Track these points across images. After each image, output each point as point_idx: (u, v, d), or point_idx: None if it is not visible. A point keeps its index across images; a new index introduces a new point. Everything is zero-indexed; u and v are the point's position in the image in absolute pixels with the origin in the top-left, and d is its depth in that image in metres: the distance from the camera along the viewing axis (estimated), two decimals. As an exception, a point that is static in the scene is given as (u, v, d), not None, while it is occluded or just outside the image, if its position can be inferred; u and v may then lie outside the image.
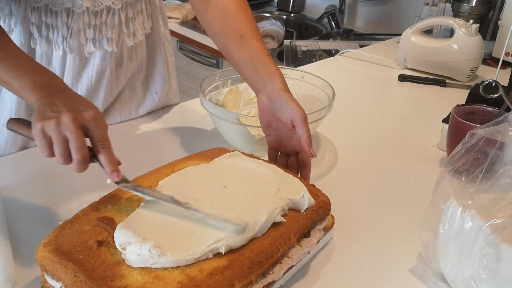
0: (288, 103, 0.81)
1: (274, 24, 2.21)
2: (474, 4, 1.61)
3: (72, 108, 0.66)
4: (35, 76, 0.71)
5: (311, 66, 1.54)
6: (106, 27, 0.92)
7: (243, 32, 0.88)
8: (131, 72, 1.04)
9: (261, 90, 0.85)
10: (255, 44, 0.87)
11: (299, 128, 0.81)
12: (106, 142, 0.67)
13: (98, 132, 0.67)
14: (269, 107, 0.84)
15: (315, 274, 0.71)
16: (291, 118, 0.81)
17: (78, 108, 0.67)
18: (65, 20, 0.89)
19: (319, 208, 0.72)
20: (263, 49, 0.87)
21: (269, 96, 0.83)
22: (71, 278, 0.57)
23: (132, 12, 0.96)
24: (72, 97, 0.70)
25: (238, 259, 0.60)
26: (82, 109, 0.67)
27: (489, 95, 0.98)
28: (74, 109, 0.66)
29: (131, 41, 0.98)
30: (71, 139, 0.64)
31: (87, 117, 0.66)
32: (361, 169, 0.98)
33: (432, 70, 1.46)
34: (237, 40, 0.88)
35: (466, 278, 0.63)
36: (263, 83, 0.85)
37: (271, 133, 0.86)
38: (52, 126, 0.64)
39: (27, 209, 0.80)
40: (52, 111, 0.66)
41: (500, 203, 0.64)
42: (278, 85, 0.83)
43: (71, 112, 0.65)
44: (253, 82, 0.87)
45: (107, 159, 0.66)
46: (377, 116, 1.21)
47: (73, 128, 0.64)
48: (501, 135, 0.69)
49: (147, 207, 0.66)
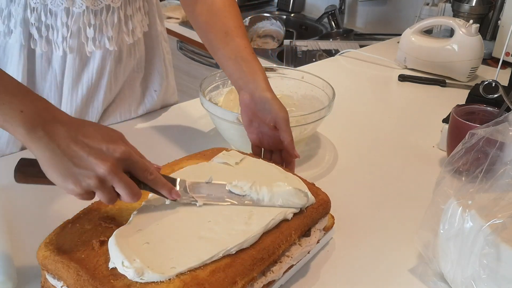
0: (271, 105, 0.81)
1: (274, 24, 2.21)
2: (474, 4, 1.61)
3: (97, 152, 0.58)
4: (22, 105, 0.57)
5: (311, 66, 1.54)
6: (106, 25, 0.92)
7: (228, 29, 0.88)
8: (129, 70, 1.04)
9: (243, 88, 0.85)
10: (240, 41, 0.87)
11: (282, 132, 0.82)
12: (149, 169, 0.62)
13: (137, 164, 0.61)
14: (251, 106, 0.84)
15: (315, 274, 0.71)
16: (274, 121, 0.82)
17: (101, 149, 0.58)
18: (65, 20, 0.89)
19: (319, 206, 0.72)
20: (248, 47, 0.87)
21: (252, 95, 0.83)
22: (73, 277, 0.57)
23: (131, 9, 0.96)
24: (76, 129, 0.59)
25: (240, 256, 0.60)
26: (110, 149, 0.59)
27: (489, 95, 0.98)
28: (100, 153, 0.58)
29: (130, 39, 0.98)
30: (120, 189, 0.59)
31: (120, 155, 0.59)
32: (361, 169, 0.98)
33: (432, 70, 1.46)
34: (222, 37, 0.88)
35: (466, 278, 0.64)
36: (246, 80, 0.84)
37: (253, 131, 0.87)
38: (95, 185, 0.58)
39: (27, 209, 0.80)
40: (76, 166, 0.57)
41: (500, 203, 0.64)
42: (261, 84, 0.83)
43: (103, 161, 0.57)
44: (235, 79, 0.87)
45: (160, 184, 0.63)
46: (377, 116, 1.21)
47: (119, 178, 0.58)
48: (501, 135, 0.70)
49: (146, 211, 0.66)
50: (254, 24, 2.22)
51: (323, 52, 1.86)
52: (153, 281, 0.55)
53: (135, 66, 1.05)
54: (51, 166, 0.57)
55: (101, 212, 0.66)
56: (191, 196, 0.67)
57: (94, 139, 0.59)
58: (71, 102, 0.97)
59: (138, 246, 0.59)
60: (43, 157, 0.57)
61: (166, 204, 0.66)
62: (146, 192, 0.65)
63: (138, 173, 0.62)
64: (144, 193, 0.69)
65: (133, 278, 0.55)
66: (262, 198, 0.69)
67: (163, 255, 0.58)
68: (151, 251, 0.59)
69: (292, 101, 1.08)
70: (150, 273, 0.55)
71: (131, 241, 0.59)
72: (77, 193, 0.59)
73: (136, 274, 0.55)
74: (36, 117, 0.58)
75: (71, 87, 0.95)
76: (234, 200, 0.68)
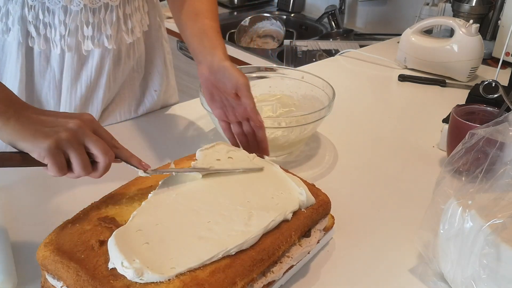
0: (230, 73, 0.80)
1: (274, 24, 2.21)
2: (474, 4, 1.61)
3: (65, 115, 0.62)
4: None
5: (311, 66, 1.54)
6: (104, 24, 0.93)
7: (199, 11, 0.91)
8: (128, 69, 1.04)
9: (202, 61, 0.85)
10: (208, 22, 0.89)
11: (244, 98, 0.81)
12: (115, 139, 0.66)
13: (103, 130, 0.65)
14: (210, 78, 0.83)
15: (315, 274, 0.71)
16: (235, 88, 0.80)
17: (69, 115, 0.62)
18: (63, 18, 0.89)
19: (319, 207, 0.72)
20: (214, 27, 0.88)
21: (210, 67, 0.83)
22: (73, 277, 0.57)
23: (130, 8, 0.96)
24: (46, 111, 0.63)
25: (240, 257, 0.60)
26: (77, 114, 0.63)
27: (489, 95, 0.98)
28: (71, 115, 0.62)
29: (130, 38, 0.98)
30: (93, 143, 0.61)
31: (88, 117, 0.63)
32: (361, 169, 0.98)
33: (432, 70, 1.46)
34: (192, 17, 0.90)
35: (466, 278, 0.64)
36: (205, 53, 0.84)
37: (216, 106, 0.86)
38: (66, 139, 0.59)
39: (27, 209, 0.80)
40: (46, 125, 0.60)
41: (500, 203, 0.64)
42: (219, 55, 0.83)
43: (74, 118, 0.61)
44: (196, 54, 0.87)
45: (128, 154, 0.67)
46: (377, 116, 1.21)
47: (90, 133, 0.61)
48: (501, 135, 0.70)
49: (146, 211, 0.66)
50: (254, 24, 2.22)
51: (323, 52, 1.86)
52: (153, 281, 0.55)
53: (135, 66, 1.05)
54: (20, 134, 0.59)
55: (100, 212, 0.66)
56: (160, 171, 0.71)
57: (63, 114, 0.63)
58: (70, 101, 0.97)
59: (137, 247, 0.59)
60: (12, 131, 0.59)
61: (166, 204, 0.66)
62: (147, 188, 0.66)
63: (105, 138, 0.64)
64: (145, 190, 0.70)
65: (132, 279, 0.55)
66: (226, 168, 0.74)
67: (163, 255, 0.58)
68: (151, 252, 0.59)
69: (292, 101, 1.08)
70: (150, 273, 0.55)
71: (131, 242, 0.59)
72: (47, 150, 0.59)
73: (136, 275, 0.55)
74: (7, 102, 0.61)
75: (69, 86, 0.95)
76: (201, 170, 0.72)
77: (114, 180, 0.75)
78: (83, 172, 0.62)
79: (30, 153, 0.60)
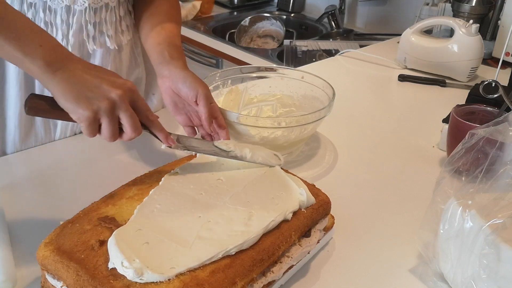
0: (191, 82, 0.83)
1: (274, 24, 2.21)
2: (474, 4, 1.61)
3: (112, 82, 0.65)
4: (41, 39, 0.63)
5: (311, 66, 1.54)
6: (106, 24, 0.93)
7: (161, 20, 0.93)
8: (129, 68, 1.04)
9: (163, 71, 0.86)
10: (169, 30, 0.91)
11: (200, 107, 0.83)
12: (150, 110, 0.70)
13: (141, 102, 0.68)
14: (172, 87, 0.85)
15: (315, 274, 0.71)
16: (196, 97, 0.83)
17: (114, 80, 0.65)
18: (65, 18, 0.88)
19: (319, 207, 0.72)
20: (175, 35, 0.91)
21: (172, 77, 0.85)
22: (73, 277, 0.57)
23: (123, 10, 0.97)
24: (92, 67, 0.66)
25: (240, 257, 0.60)
26: (121, 82, 0.66)
27: (489, 95, 0.98)
28: (115, 83, 0.65)
29: (125, 38, 0.99)
30: (127, 118, 0.65)
31: (129, 87, 0.66)
32: (361, 169, 0.98)
33: (432, 70, 1.46)
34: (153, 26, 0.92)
35: (466, 278, 0.64)
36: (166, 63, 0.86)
37: (180, 113, 0.88)
38: (104, 109, 0.63)
39: (27, 209, 0.80)
40: (90, 90, 0.63)
41: (500, 203, 0.64)
42: (180, 65, 0.85)
43: (115, 88, 0.64)
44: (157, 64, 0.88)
45: (158, 128, 0.71)
46: (377, 116, 1.21)
47: (127, 107, 0.64)
48: (501, 135, 0.70)
49: (146, 211, 0.66)
50: (254, 24, 2.22)
51: (323, 52, 1.86)
52: (153, 281, 0.55)
53: (133, 64, 1.05)
54: (65, 94, 0.62)
55: (100, 212, 0.66)
56: (183, 146, 0.76)
57: (106, 73, 0.66)
58: None
59: (137, 246, 0.59)
60: (57, 87, 0.62)
61: (165, 205, 0.66)
62: (147, 188, 0.65)
63: (141, 109, 0.68)
64: (146, 190, 0.70)
65: (132, 279, 0.55)
66: (245, 155, 0.77)
67: (163, 255, 0.58)
68: (151, 251, 0.59)
69: (292, 101, 1.08)
70: (150, 273, 0.55)
71: (131, 241, 0.59)
72: (86, 118, 0.63)
73: (136, 275, 0.55)
74: (53, 52, 0.63)
75: None
76: (221, 154, 0.77)
77: (114, 180, 0.75)
78: (109, 139, 0.67)
79: (69, 114, 0.64)
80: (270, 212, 0.66)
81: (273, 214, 0.66)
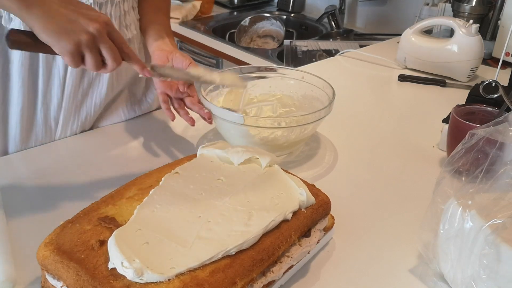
0: (177, 56, 0.93)
1: (274, 24, 2.21)
2: (474, 4, 1.61)
3: (88, 16, 0.67)
4: None
5: (311, 66, 1.54)
6: (111, 18, 0.94)
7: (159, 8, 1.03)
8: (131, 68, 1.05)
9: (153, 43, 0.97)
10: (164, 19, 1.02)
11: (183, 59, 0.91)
12: (126, 42, 0.73)
13: (117, 34, 0.71)
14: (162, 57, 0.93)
15: (315, 274, 0.71)
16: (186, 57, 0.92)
17: (91, 14, 0.68)
18: None
19: (319, 207, 0.72)
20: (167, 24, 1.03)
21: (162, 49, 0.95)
22: (73, 277, 0.57)
23: (127, 6, 0.98)
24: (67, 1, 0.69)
25: (240, 257, 0.60)
26: (96, 15, 0.68)
27: (489, 95, 0.98)
28: (91, 16, 0.67)
29: (128, 33, 0.99)
30: (107, 50, 0.69)
31: (105, 20, 0.69)
32: (361, 169, 0.98)
33: (432, 70, 1.46)
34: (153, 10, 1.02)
35: (466, 278, 0.64)
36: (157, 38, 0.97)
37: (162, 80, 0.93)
38: (86, 42, 0.66)
39: (27, 209, 0.80)
40: (69, 23, 0.65)
41: (500, 203, 0.64)
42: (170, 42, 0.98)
43: (93, 21, 0.67)
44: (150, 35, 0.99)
45: (134, 59, 0.75)
46: (377, 116, 1.21)
47: (106, 39, 0.68)
48: (501, 135, 0.70)
49: (146, 211, 0.66)
50: (254, 24, 2.22)
51: (323, 52, 1.86)
52: (153, 281, 0.55)
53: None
54: (45, 28, 0.65)
55: (100, 212, 0.66)
56: (158, 73, 0.80)
57: (81, 6, 0.69)
58: (72, 98, 0.97)
59: (137, 246, 0.59)
60: (36, 21, 0.65)
61: (165, 205, 0.66)
62: (147, 188, 0.65)
63: (117, 42, 0.71)
64: (146, 190, 0.69)
65: (132, 279, 0.55)
66: (214, 79, 0.87)
67: (163, 255, 0.58)
68: (151, 251, 0.59)
69: (292, 101, 1.08)
70: (150, 273, 0.55)
71: (131, 241, 0.59)
72: (68, 51, 0.66)
73: (136, 275, 0.55)
74: None
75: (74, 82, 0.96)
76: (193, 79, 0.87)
77: (114, 180, 0.75)
78: (94, 70, 0.70)
79: (52, 47, 0.67)
80: (270, 212, 0.66)
81: (273, 214, 0.66)
